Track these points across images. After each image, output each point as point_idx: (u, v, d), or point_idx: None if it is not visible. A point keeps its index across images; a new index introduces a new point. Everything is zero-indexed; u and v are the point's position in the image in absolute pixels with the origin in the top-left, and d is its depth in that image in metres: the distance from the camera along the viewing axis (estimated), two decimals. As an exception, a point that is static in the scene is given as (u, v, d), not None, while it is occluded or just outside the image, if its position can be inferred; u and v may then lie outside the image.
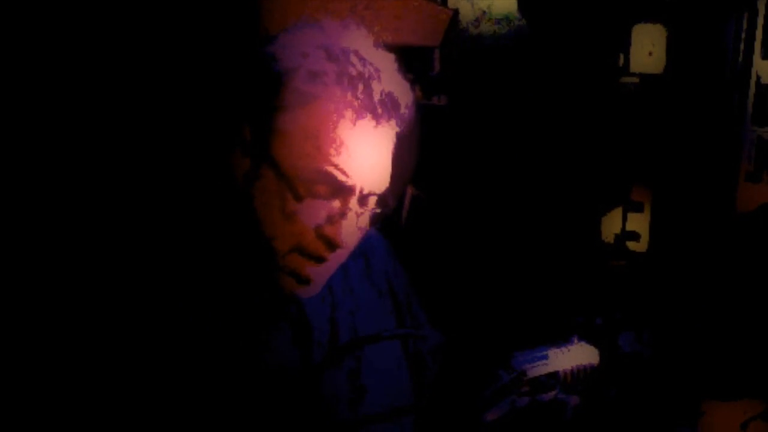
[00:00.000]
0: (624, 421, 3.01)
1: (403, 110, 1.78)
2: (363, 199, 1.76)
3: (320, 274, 1.79)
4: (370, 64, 1.74)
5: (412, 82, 1.88)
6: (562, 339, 1.90)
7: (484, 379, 1.79)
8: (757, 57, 3.16)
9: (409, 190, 3.23)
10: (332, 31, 1.77)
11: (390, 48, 1.88)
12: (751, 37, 3.15)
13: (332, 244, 1.73)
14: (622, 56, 3.39)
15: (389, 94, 1.74)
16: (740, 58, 3.18)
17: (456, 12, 3.46)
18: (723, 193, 3.23)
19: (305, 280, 1.78)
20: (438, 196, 3.12)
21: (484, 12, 3.47)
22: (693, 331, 3.10)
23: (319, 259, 1.75)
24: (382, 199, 1.81)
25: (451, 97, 2.47)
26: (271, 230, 1.75)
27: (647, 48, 3.35)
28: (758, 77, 3.15)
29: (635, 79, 3.39)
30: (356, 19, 1.94)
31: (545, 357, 1.85)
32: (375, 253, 2.11)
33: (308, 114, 1.70)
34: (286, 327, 1.88)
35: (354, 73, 1.71)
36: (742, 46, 3.17)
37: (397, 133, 1.80)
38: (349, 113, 1.71)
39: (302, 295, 1.82)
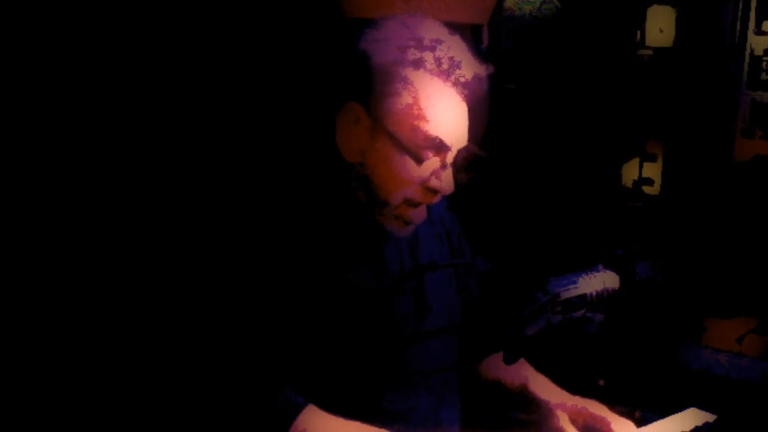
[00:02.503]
0: (640, 334, 3.17)
1: (478, 86, 1.94)
2: (452, 154, 1.93)
3: (417, 214, 1.97)
4: (453, 50, 1.90)
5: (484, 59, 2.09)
6: (589, 267, 1.96)
7: (525, 301, 1.86)
8: (750, 33, 3.19)
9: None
10: (413, 24, 1.93)
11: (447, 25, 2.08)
12: (745, 17, 3.19)
13: (436, 192, 1.93)
14: (638, 32, 3.42)
15: (474, 75, 1.91)
16: (737, 34, 3.21)
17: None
18: (722, 146, 3.27)
19: (409, 222, 1.97)
20: (488, 151, 3.20)
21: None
22: (697, 261, 3.27)
23: (420, 204, 1.95)
24: (460, 151, 1.97)
25: (497, 66, 2.51)
26: (387, 187, 1.92)
27: (659, 26, 3.38)
28: (752, 50, 3.19)
29: (649, 52, 3.42)
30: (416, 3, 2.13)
31: (575, 282, 1.91)
32: (434, 204, 2.20)
33: (413, 95, 1.87)
34: (365, 261, 2.02)
35: (446, 59, 1.89)
36: (738, 24, 3.20)
37: (471, 102, 1.96)
38: (443, 91, 1.89)
39: (401, 234, 2.00)
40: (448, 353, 2.15)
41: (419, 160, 1.90)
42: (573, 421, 2.13)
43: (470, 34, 3.29)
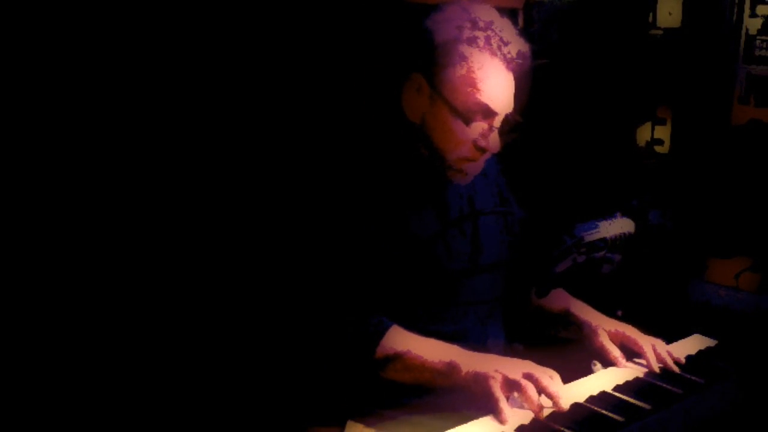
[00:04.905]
0: (652, 272, 3.22)
1: (523, 62, 2.06)
2: (500, 119, 2.05)
3: (472, 167, 2.09)
4: (503, 31, 2.03)
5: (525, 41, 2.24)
6: (609, 214, 2.09)
7: (555, 243, 1.96)
8: (746, 16, 3.26)
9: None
10: (470, 8, 2.05)
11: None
12: (742, 2, 3.26)
13: (485, 151, 2.04)
14: (651, 15, 3.49)
15: (519, 52, 2.04)
16: (734, 17, 3.27)
17: (535, -20, 3.50)
18: (722, 112, 3.35)
19: (464, 173, 2.09)
20: (524, 116, 3.26)
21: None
22: (701, 209, 3.32)
23: (474, 160, 2.07)
24: (507, 118, 2.08)
25: (531, 45, 2.54)
26: (443, 145, 2.05)
27: (669, 9, 3.45)
28: (747, 30, 3.27)
29: (660, 32, 3.49)
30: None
31: (597, 227, 2.03)
32: (489, 162, 2.28)
33: (466, 67, 2.01)
34: (430, 205, 2.15)
35: (496, 38, 2.01)
36: (735, 9, 3.27)
37: (517, 75, 2.08)
38: (492, 64, 2.02)
39: (461, 182, 2.12)
40: (494, 286, 2.25)
41: (469, 123, 2.01)
42: (611, 341, 2.22)
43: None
